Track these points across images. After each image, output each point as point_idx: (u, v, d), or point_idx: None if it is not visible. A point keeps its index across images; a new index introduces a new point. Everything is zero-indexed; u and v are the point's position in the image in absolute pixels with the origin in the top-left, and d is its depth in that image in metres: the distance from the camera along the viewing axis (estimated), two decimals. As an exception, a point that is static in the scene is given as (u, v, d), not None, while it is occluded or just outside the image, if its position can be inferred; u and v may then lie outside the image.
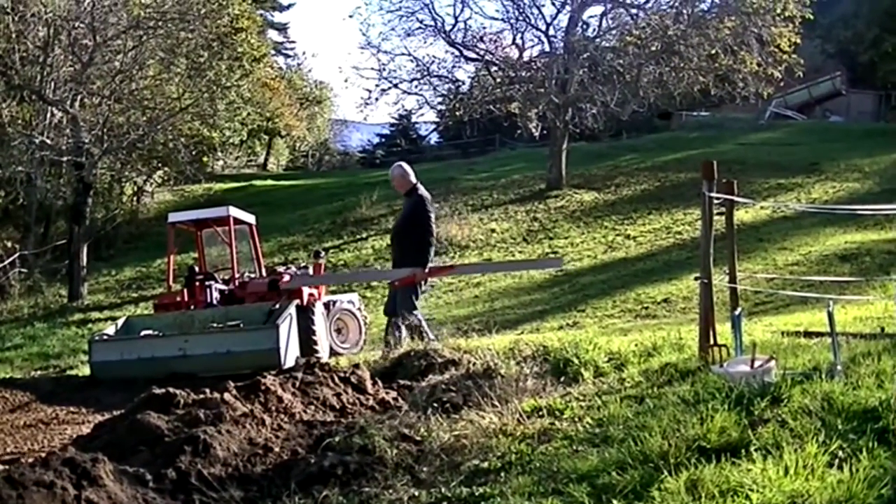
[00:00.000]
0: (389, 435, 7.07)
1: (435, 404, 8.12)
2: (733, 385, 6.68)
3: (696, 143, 43.38)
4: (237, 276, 16.97)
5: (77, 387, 14.05)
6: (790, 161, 37.02)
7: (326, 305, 16.33)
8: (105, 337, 14.91)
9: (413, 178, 12.91)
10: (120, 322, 15.76)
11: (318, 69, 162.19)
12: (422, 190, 12.83)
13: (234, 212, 17.33)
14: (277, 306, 14.51)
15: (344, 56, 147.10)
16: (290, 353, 13.49)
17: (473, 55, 40.57)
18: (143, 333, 14.71)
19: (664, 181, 36.31)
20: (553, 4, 39.66)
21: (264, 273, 17.80)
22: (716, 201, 8.67)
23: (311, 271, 17.23)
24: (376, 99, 40.76)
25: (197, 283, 16.41)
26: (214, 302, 16.01)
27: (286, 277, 16.22)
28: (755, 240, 24.50)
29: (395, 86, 40.38)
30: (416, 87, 40.71)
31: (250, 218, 18.00)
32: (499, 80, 39.75)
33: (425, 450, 6.84)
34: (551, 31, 39.44)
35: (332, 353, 15.37)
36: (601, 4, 39.59)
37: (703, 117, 53.71)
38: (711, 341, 8.30)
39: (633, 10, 38.63)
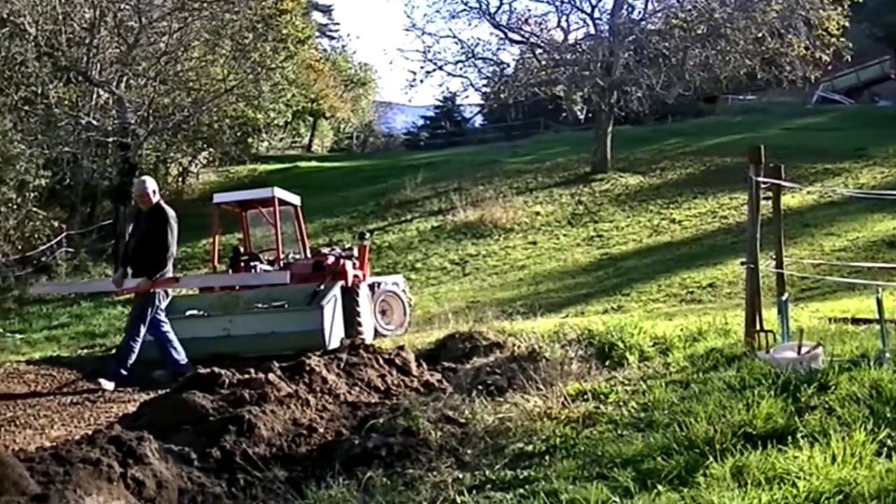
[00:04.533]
0: (433, 417, 7.09)
1: (479, 387, 8.15)
2: (780, 371, 6.64)
3: (741, 128, 43.00)
4: (282, 256, 17.00)
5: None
6: (836, 146, 36.64)
7: (371, 287, 16.31)
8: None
9: (157, 196, 12.72)
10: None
11: (363, 51, 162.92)
12: (165, 207, 12.60)
13: (279, 192, 17.32)
14: (322, 287, 14.53)
15: (388, 38, 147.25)
16: (335, 334, 13.52)
17: (518, 37, 40.54)
18: (187, 313, 14.78)
19: (709, 165, 36.06)
20: (598, -13, 39.49)
21: (309, 254, 17.83)
22: (762, 186, 8.62)
23: (356, 252, 17.21)
24: (421, 81, 41.10)
25: (241, 264, 16.47)
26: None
27: (331, 259, 16.21)
28: (801, 225, 24.30)
29: (440, 68, 40.50)
30: (460, 69, 40.83)
31: (295, 199, 17.99)
32: (543, 62, 39.60)
33: (469, 432, 6.85)
34: (596, 14, 39.50)
35: (377, 334, 15.39)
36: (647, -13, 39.38)
37: (748, 101, 53.26)
38: (757, 327, 8.25)
39: (679, -7, 38.44)
